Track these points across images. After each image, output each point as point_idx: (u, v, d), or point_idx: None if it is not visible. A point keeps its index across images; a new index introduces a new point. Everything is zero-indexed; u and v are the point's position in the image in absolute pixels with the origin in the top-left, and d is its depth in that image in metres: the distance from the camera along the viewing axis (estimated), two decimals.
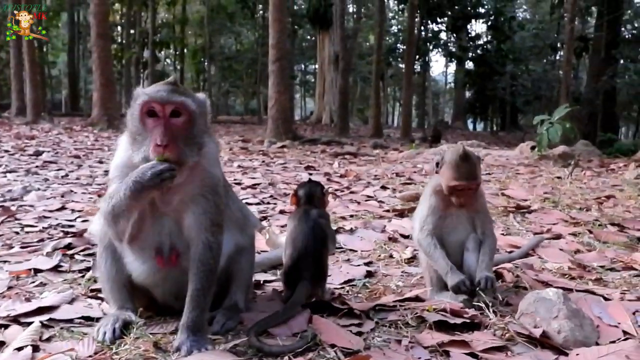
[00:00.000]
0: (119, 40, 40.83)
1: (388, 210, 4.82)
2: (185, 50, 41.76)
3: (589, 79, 29.87)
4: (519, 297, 2.48)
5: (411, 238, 3.58)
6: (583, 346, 2.06)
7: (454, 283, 2.49)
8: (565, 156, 9.86)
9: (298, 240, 2.49)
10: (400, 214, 4.68)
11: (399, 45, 42.28)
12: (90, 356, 1.96)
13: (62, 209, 4.72)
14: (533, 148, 10.84)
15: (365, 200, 5.41)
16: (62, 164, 8.28)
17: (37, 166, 7.87)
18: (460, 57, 39.90)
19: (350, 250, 3.58)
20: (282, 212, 4.67)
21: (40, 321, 2.22)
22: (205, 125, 2.15)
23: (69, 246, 3.41)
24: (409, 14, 26.21)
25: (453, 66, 50.95)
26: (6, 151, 9.57)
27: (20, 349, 1.97)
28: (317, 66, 37.98)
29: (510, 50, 36.44)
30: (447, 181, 2.57)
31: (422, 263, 2.78)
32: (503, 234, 3.99)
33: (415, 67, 33.72)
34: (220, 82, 43.54)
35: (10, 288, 2.69)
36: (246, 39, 46.57)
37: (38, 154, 9.40)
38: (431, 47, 39.12)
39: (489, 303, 2.40)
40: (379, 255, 3.45)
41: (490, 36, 40.00)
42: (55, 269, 3.01)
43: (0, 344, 2.06)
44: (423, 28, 35.88)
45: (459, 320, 2.25)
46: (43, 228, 3.98)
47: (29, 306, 2.36)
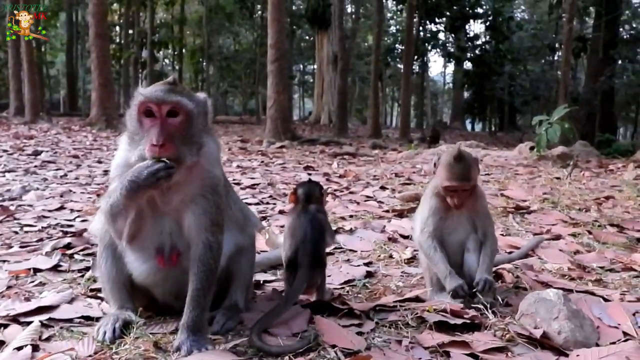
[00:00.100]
0: (118, 40, 40.81)
1: (387, 211, 4.82)
2: (183, 50, 41.68)
3: (587, 79, 29.92)
4: (519, 298, 2.48)
5: (411, 238, 3.60)
6: (583, 347, 2.06)
7: (452, 287, 2.49)
8: (564, 157, 9.86)
9: (297, 231, 2.49)
10: (400, 214, 4.68)
11: (397, 45, 42.32)
12: (90, 356, 1.96)
13: (61, 208, 4.73)
14: (532, 148, 10.83)
15: (365, 201, 5.41)
16: (61, 164, 8.28)
17: (36, 166, 7.87)
18: (459, 58, 39.90)
19: (350, 250, 3.58)
20: (282, 212, 4.67)
21: (40, 321, 2.22)
22: (205, 124, 2.14)
23: (68, 246, 3.41)
24: (407, 14, 26.20)
25: (451, 66, 51.15)
26: (5, 151, 9.57)
27: (19, 348, 1.98)
28: (316, 66, 37.98)
29: (509, 50, 36.46)
30: (441, 181, 2.58)
31: (422, 263, 2.78)
32: (502, 235, 3.99)
33: (414, 68, 33.73)
34: (219, 82, 43.44)
35: (9, 287, 2.70)
36: (245, 39, 46.51)
37: (37, 153, 9.40)
38: (429, 48, 39.11)
39: (488, 305, 2.40)
40: (378, 256, 3.44)
41: (488, 36, 40.00)
42: (55, 268, 3.02)
43: (0, 344, 2.06)
44: (421, 28, 35.87)
45: (459, 321, 2.25)
46: (42, 228, 3.99)
47: (29, 306, 2.37)
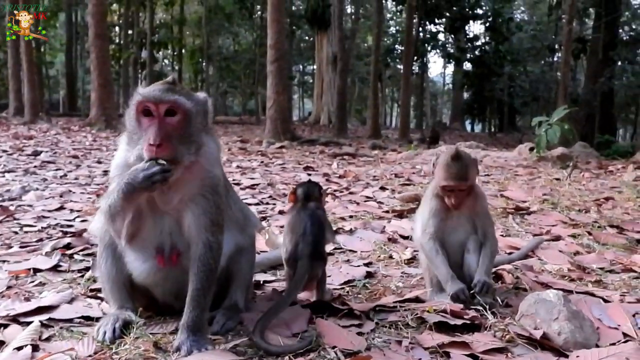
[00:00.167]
0: (117, 41, 40.80)
1: (387, 211, 4.81)
2: (183, 50, 41.66)
3: (586, 80, 29.96)
4: (519, 299, 2.48)
5: (411, 239, 3.60)
6: (583, 348, 2.06)
7: (453, 292, 2.48)
8: (564, 158, 9.86)
9: (297, 226, 2.49)
10: (400, 215, 4.68)
11: (397, 46, 42.32)
12: (90, 356, 1.95)
13: (61, 208, 4.73)
14: (531, 149, 10.83)
15: (365, 201, 5.41)
16: (61, 164, 8.28)
17: (36, 166, 7.87)
18: (458, 58, 39.92)
19: (350, 250, 3.58)
20: (281, 213, 4.66)
21: (40, 321, 2.21)
22: (205, 124, 2.14)
23: (68, 246, 3.41)
24: (407, 15, 26.21)
25: (451, 67, 51.17)
26: (4, 151, 9.57)
27: (19, 348, 1.97)
28: (315, 67, 38.00)
29: (508, 51, 36.50)
30: (439, 181, 2.59)
31: (422, 264, 2.78)
32: (502, 235, 3.98)
33: (413, 68, 33.75)
34: (218, 83, 43.43)
35: (9, 287, 2.70)
36: (244, 39, 46.50)
37: (36, 154, 9.40)
38: (429, 48, 39.11)
39: (487, 305, 2.40)
40: (378, 256, 3.44)
41: (488, 37, 40.03)
42: (55, 268, 3.02)
43: (0, 344, 2.06)
44: (421, 29, 35.89)
45: (459, 322, 2.25)
46: (42, 228, 3.98)
47: (29, 306, 2.36)
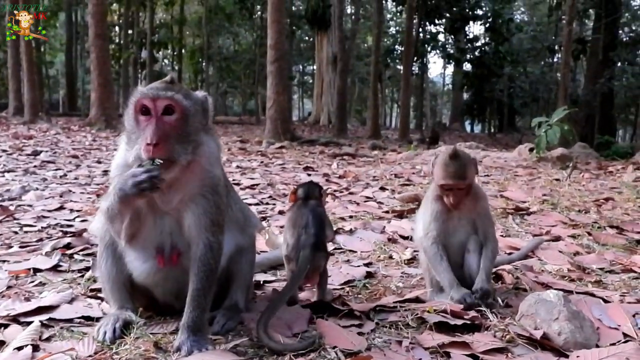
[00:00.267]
0: (117, 41, 40.78)
1: (387, 211, 4.82)
2: (183, 50, 41.66)
3: (586, 81, 29.96)
4: (519, 299, 2.49)
5: (411, 239, 3.60)
6: (583, 348, 2.07)
7: (458, 298, 2.48)
8: (564, 158, 9.86)
9: (298, 220, 2.49)
10: (400, 215, 4.68)
11: (397, 46, 42.25)
12: (90, 356, 1.95)
13: (61, 208, 4.73)
14: (531, 150, 10.83)
15: (365, 201, 5.41)
16: (60, 164, 8.28)
17: (35, 166, 7.87)
18: (458, 59, 39.90)
19: (350, 251, 3.58)
20: (281, 213, 4.66)
21: (40, 321, 2.21)
22: (204, 124, 2.13)
23: (68, 246, 3.41)
24: (407, 16, 26.20)
25: (451, 68, 51.18)
26: (4, 151, 9.57)
27: (20, 348, 1.97)
28: (315, 67, 38.00)
29: (508, 52, 36.50)
30: (437, 180, 2.59)
31: (422, 264, 2.78)
32: (502, 236, 3.99)
33: (413, 69, 33.70)
34: (218, 83, 43.42)
35: (9, 287, 2.70)
36: (244, 39, 46.51)
37: (36, 153, 9.40)
38: (429, 49, 39.07)
39: (486, 310, 2.41)
40: (378, 256, 3.44)
41: (488, 38, 40.00)
42: (55, 268, 3.02)
43: (0, 344, 2.06)
44: (421, 29, 35.86)
45: (460, 322, 2.25)
46: (42, 228, 3.98)
47: (29, 306, 2.36)
